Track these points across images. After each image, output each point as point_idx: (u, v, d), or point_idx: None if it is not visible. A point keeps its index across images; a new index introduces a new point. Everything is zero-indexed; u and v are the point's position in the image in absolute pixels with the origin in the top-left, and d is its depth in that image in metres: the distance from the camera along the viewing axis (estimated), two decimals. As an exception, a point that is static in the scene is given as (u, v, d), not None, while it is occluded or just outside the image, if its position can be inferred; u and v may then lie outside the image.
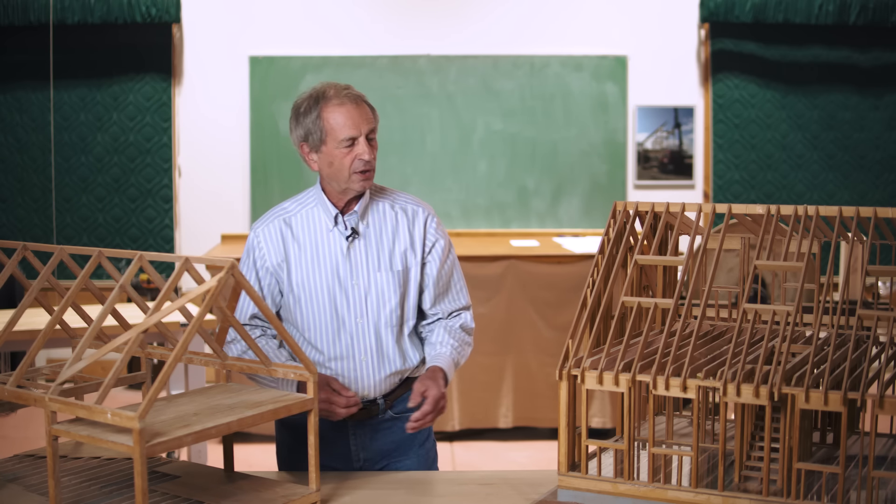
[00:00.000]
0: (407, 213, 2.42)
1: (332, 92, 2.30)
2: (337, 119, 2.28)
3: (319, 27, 6.61)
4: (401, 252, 2.38)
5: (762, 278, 4.76)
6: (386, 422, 2.44)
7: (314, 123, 2.30)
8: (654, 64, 6.69)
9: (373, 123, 2.32)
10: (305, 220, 2.38)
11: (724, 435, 1.81)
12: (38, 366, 2.14)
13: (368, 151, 2.29)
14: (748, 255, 2.30)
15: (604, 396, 5.12)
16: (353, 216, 2.37)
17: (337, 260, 2.35)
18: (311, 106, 2.31)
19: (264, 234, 2.39)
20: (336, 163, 2.30)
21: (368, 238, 2.37)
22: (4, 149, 6.57)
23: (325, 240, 2.36)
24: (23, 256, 2.05)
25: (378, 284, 2.35)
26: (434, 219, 2.45)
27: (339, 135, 2.27)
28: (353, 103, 2.29)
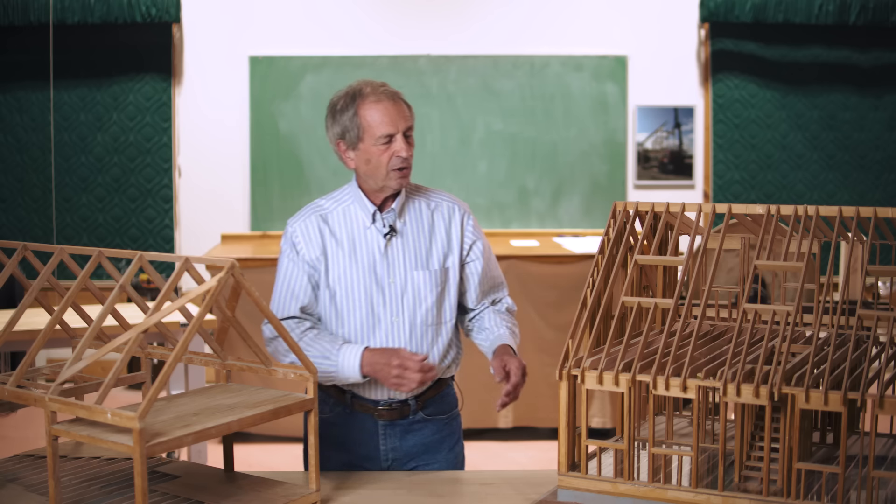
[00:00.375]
0: (443, 212, 2.41)
1: (369, 89, 2.29)
2: (374, 116, 2.27)
3: (319, 27, 6.61)
4: (438, 251, 2.38)
5: (762, 278, 4.76)
6: (417, 423, 2.42)
7: (351, 121, 2.29)
8: (654, 64, 6.69)
9: (410, 121, 2.31)
10: (343, 217, 2.37)
11: (724, 435, 1.81)
12: (38, 366, 2.14)
13: (406, 149, 2.29)
14: (748, 255, 2.30)
15: (604, 396, 5.11)
16: (390, 214, 2.36)
17: (374, 257, 2.34)
18: (348, 103, 2.30)
19: (302, 228, 2.38)
20: (373, 160, 2.29)
21: (405, 236, 2.36)
22: (4, 149, 6.57)
23: (363, 237, 2.35)
24: (23, 256, 2.05)
25: (415, 283, 2.34)
26: (470, 217, 2.45)
27: (377, 132, 2.27)
28: (390, 100, 2.28)
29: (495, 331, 2.42)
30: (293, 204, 6.62)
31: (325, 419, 2.42)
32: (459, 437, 2.54)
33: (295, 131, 6.61)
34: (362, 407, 2.40)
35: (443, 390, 2.47)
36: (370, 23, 6.63)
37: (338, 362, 2.26)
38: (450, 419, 2.48)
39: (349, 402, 2.40)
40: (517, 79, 6.63)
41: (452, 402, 2.51)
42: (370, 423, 2.40)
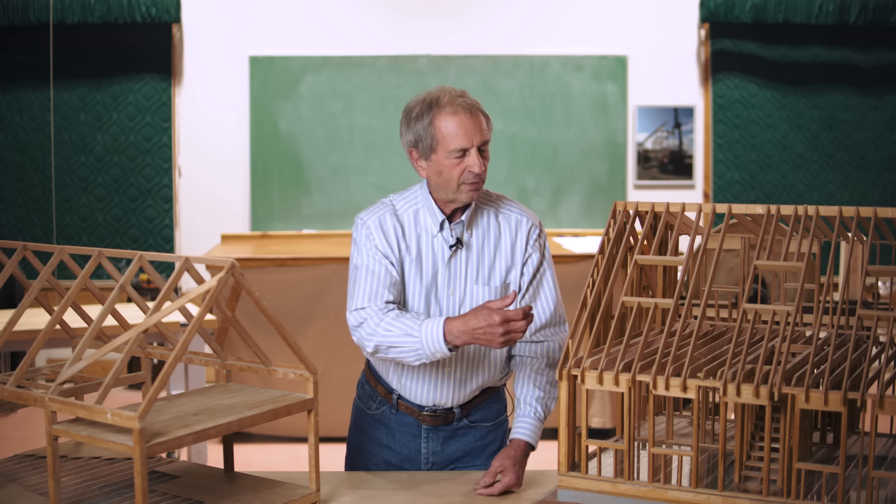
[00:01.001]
0: (510, 224, 2.33)
1: (447, 99, 2.21)
2: (449, 128, 2.19)
3: (319, 27, 6.61)
4: (501, 266, 2.30)
5: (762, 278, 4.76)
6: (460, 429, 2.38)
7: (426, 130, 2.21)
8: (654, 64, 6.69)
9: (486, 135, 2.24)
10: (413, 220, 2.30)
11: (725, 435, 1.81)
12: (39, 366, 2.14)
13: (479, 164, 2.21)
14: (748, 255, 2.30)
15: (603, 396, 5.11)
16: (459, 225, 2.29)
17: (438, 267, 2.27)
18: (424, 111, 2.22)
19: (376, 225, 2.27)
20: (445, 173, 2.22)
21: (470, 249, 2.29)
22: (4, 149, 6.57)
23: (429, 244, 2.28)
24: (22, 256, 2.05)
25: (473, 297, 2.28)
26: (536, 230, 2.35)
27: (451, 145, 2.19)
28: (466, 112, 2.20)
29: (521, 408, 2.26)
30: (293, 204, 6.62)
31: (371, 416, 2.41)
32: (503, 442, 2.45)
33: (295, 131, 6.61)
34: (407, 409, 2.36)
35: (490, 397, 2.41)
36: (370, 23, 6.63)
37: (420, 337, 2.11)
38: (495, 426, 2.43)
39: (395, 403, 2.37)
40: (517, 79, 6.63)
41: (500, 409, 2.45)
42: (414, 425, 2.37)
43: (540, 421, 2.26)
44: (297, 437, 5.08)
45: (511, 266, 2.31)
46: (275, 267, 5.03)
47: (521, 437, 2.21)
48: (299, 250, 5.52)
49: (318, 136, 6.61)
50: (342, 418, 2.82)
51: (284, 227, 6.65)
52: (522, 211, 2.38)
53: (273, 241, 6.21)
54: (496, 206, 2.37)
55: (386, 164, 6.54)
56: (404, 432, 2.38)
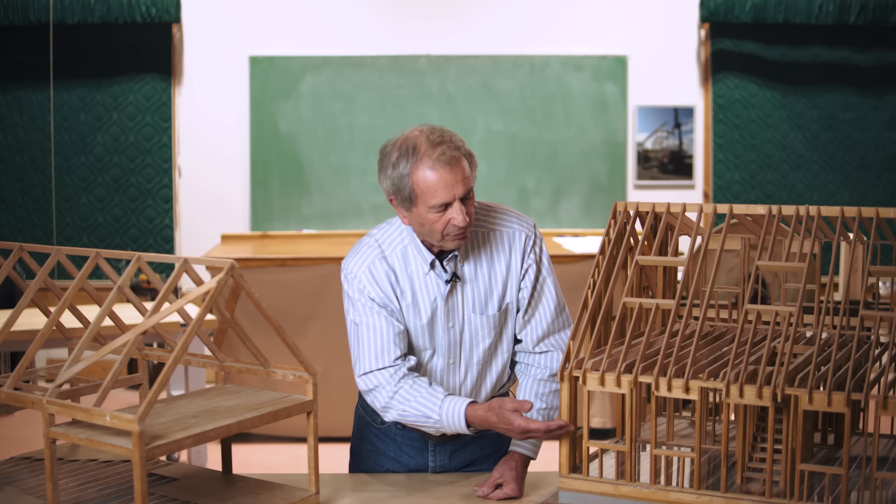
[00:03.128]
0: (504, 242, 2.24)
1: (424, 149, 2.07)
2: (428, 184, 2.06)
3: (319, 27, 6.60)
4: (499, 290, 2.23)
5: (762, 278, 4.75)
6: (468, 443, 2.36)
7: (403, 181, 2.09)
8: (654, 64, 6.68)
9: (469, 182, 2.11)
10: (401, 261, 2.21)
11: (727, 436, 1.81)
12: (38, 366, 2.13)
13: (462, 217, 2.08)
14: (748, 255, 2.29)
15: (603, 396, 5.10)
16: (452, 261, 2.20)
17: (437, 304, 2.21)
18: (400, 160, 2.09)
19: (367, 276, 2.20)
20: (427, 226, 2.12)
21: (466, 279, 2.22)
22: (4, 149, 6.56)
23: (423, 284, 2.20)
24: (19, 257, 2.04)
25: (472, 326, 2.23)
26: (531, 240, 2.27)
27: (431, 200, 2.07)
28: (446, 167, 2.06)
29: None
30: (293, 204, 6.61)
31: (377, 430, 2.37)
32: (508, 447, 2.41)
33: (295, 131, 6.60)
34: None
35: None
36: (370, 23, 6.62)
37: (441, 419, 2.11)
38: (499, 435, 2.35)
39: None
40: (517, 79, 6.63)
41: None
42: (420, 439, 2.34)
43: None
44: (297, 437, 5.07)
45: (508, 285, 2.24)
46: (275, 267, 5.02)
47: (522, 450, 2.20)
48: (299, 250, 5.52)
49: (318, 136, 6.61)
50: (342, 418, 2.81)
51: (284, 227, 6.64)
52: (512, 221, 2.28)
53: (273, 241, 6.20)
54: (486, 225, 2.26)
55: (386, 165, 6.53)
56: (411, 446, 2.35)
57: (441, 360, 2.25)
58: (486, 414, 2.06)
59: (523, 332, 2.29)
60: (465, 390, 2.29)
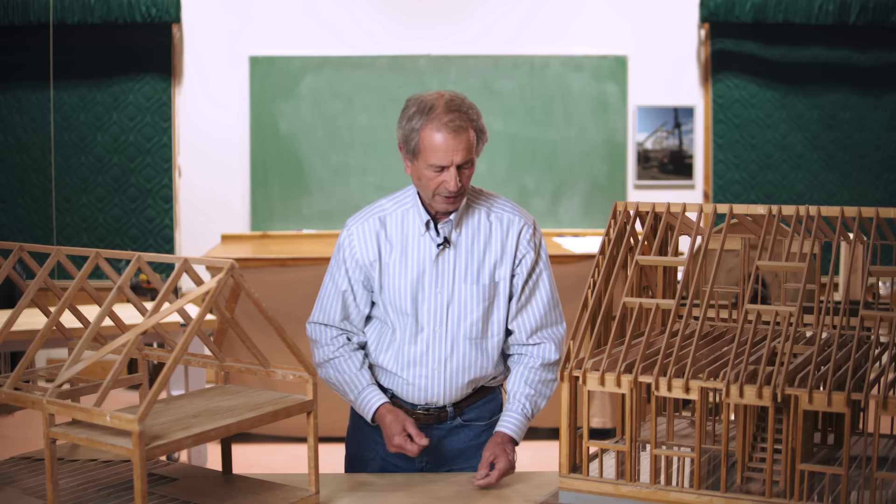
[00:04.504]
0: (502, 223, 2.34)
1: (439, 111, 2.19)
2: (432, 143, 2.19)
3: (319, 27, 6.60)
4: (490, 265, 2.31)
5: (762, 278, 4.75)
6: (454, 428, 2.40)
7: (412, 134, 2.23)
8: (654, 64, 6.68)
9: (470, 153, 2.22)
10: (400, 220, 2.33)
11: (727, 436, 1.81)
12: (38, 366, 2.13)
13: (454, 182, 2.20)
14: (748, 255, 2.29)
15: (603, 396, 5.10)
16: (447, 224, 2.31)
17: (424, 266, 2.30)
18: (416, 115, 2.23)
19: (359, 231, 2.35)
20: (423, 181, 2.25)
21: (459, 247, 2.30)
22: (4, 149, 6.56)
23: (416, 244, 2.31)
24: (19, 257, 2.04)
25: (461, 295, 2.29)
26: (529, 229, 2.36)
27: (430, 159, 2.20)
28: (451, 133, 2.18)
29: (510, 404, 2.33)
30: (293, 204, 6.61)
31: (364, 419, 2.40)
32: None
33: (295, 131, 6.60)
34: (401, 408, 2.36)
35: (485, 397, 2.42)
36: (370, 23, 6.62)
37: (356, 402, 2.34)
38: (489, 426, 2.43)
39: None
40: (517, 79, 6.63)
41: (495, 409, 2.45)
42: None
43: (527, 418, 2.33)
44: (297, 437, 5.07)
45: (500, 263, 2.32)
46: (275, 267, 5.02)
47: (506, 430, 2.29)
48: (299, 250, 5.52)
49: (318, 136, 6.61)
50: (342, 418, 2.81)
51: (284, 227, 6.64)
52: (515, 210, 2.38)
53: (273, 241, 6.20)
54: (489, 206, 2.37)
55: (386, 164, 6.54)
56: None
57: (427, 329, 2.31)
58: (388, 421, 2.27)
59: (516, 322, 2.35)
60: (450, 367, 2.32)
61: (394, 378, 2.36)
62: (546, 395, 2.37)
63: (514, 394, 2.33)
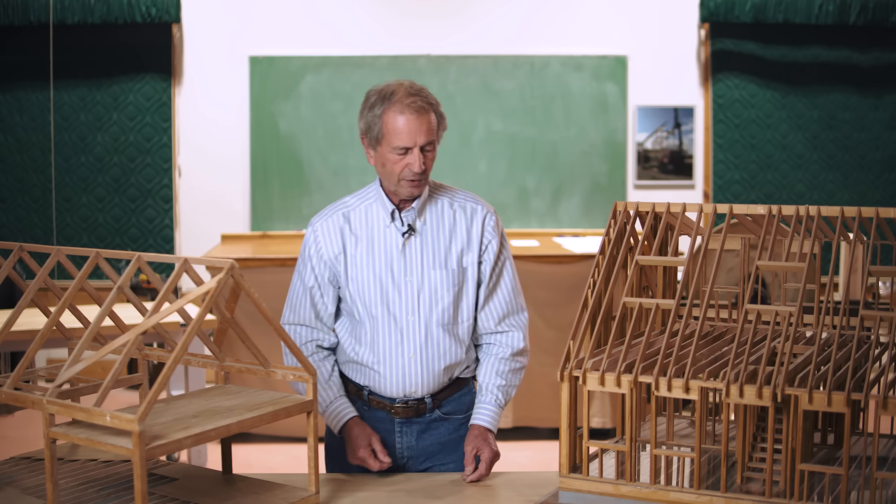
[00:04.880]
0: (465, 212, 2.40)
1: (400, 95, 2.27)
2: (395, 125, 2.26)
3: (319, 27, 6.60)
4: (457, 251, 2.36)
5: (762, 278, 4.75)
6: (433, 421, 2.42)
7: (375, 121, 2.30)
8: (654, 64, 6.68)
9: (432, 135, 2.29)
10: (364, 214, 2.38)
11: (727, 436, 1.81)
12: (38, 366, 2.13)
13: (419, 163, 2.26)
14: (748, 255, 2.29)
15: (603, 396, 5.11)
16: (410, 212, 2.36)
17: (392, 255, 2.34)
18: (377, 103, 2.30)
19: (322, 227, 2.40)
20: (388, 166, 2.30)
21: (425, 235, 2.36)
22: (4, 149, 6.56)
23: (382, 235, 2.36)
24: (19, 257, 2.04)
25: (431, 282, 2.34)
26: (492, 217, 2.42)
27: (394, 141, 2.26)
28: (414, 113, 2.25)
29: (483, 396, 2.39)
30: (293, 204, 6.61)
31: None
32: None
33: (295, 131, 6.60)
34: (379, 404, 2.40)
35: (461, 389, 2.45)
36: (370, 23, 6.62)
37: (326, 410, 2.36)
38: (466, 419, 2.45)
39: (366, 399, 2.41)
40: (517, 79, 6.62)
41: (471, 402, 2.48)
42: (387, 420, 2.40)
43: (500, 408, 2.39)
44: (297, 437, 5.07)
45: (467, 250, 2.37)
46: (275, 267, 5.02)
47: (482, 422, 2.35)
48: (299, 250, 5.51)
49: (318, 136, 6.61)
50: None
51: (284, 227, 6.64)
52: (478, 200, 2.44)
53: (273, 241, 6.20)
54: (451, 196, 2.43)
55: (386, 165, 6.53)
56: (378, 428, 2.39)
57: (400, 317, 2.33)
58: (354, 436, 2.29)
59: (485, 310, 2.40)
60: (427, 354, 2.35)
61: (370, 373, 2.37)
62: (516, 385, 2.44)
63: (486, 385, 2.39)
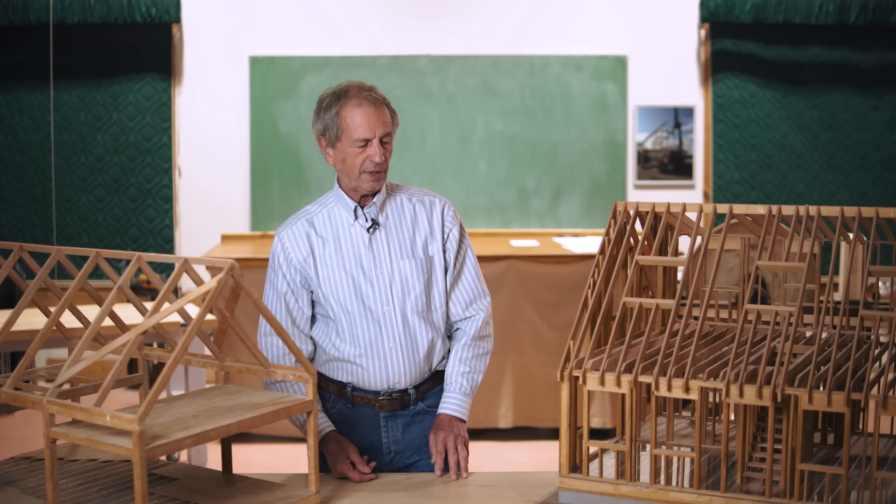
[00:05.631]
0: (424, 204, 2.47)
1: (354, 91, 2.35)
2: (353, 119, 2.32)
3: (319, 27, 6.60)
4: (421, 240, 2.43)
5: (762, 278, 4.75)
6: (417, 414, 2.45)
7: (332, 120, 2.35)
8: (654, 64, 6.68)
9: (389, 127, 2.36)
10: (327, 217, 2.43)
11: (727, 436, 1.81)
12: (38, 366, 2.13)
13: (380, 154, 2.33)
14: (748, 255, 2.29)
15: (603, 396, 5.11)
16: (372, 208, 2.41)
17: (360, 251, 2.39)
18: (332, 102, 2.36)
19: (288, 235, 2.43)
20: (348, 161, 2.35)
21: (389, 228, 2.42)
22: (4, 149, 6.56)
23: (348, 233, 2.41)
24: (19, 257, 2.04)
25: (402, 271, 2.39)
26: (450, 209, 2.50)
27: (354, 134, 2.32)
28: (370, 105, 2.33)
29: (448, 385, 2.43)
30: (293, 204, 6.61)
31: (330, 413, 2.44)
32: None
33: (295, 131, 6.60)
34: (363, 399, 2.42)
35: (441, 383, 2.48)
36: (370, 23, 6.62)
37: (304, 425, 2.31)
38: None
39: (350, 396, 2.42)
40: (517, 79, 6.62)
41: None
42: (372, 415, 2.42)
43: (466, 395, 2.43)
44: (297, 437, 5.07)
45: (431, 239, 2.44)
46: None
47: (447, 411, 2.39)
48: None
49: (318, 136, 6.60)
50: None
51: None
52: (433, 194, 2.52)
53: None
54: (408, 193, 2.49)
55: (386, 165, 6.54)
56: (363, 424, 2.42)
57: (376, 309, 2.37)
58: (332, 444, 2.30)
59: (452, 297, 2.46)
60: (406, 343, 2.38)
61: (353, 367, 2.39)
62: (481, 370, 2.48)
63: (451, 374, 2.44)
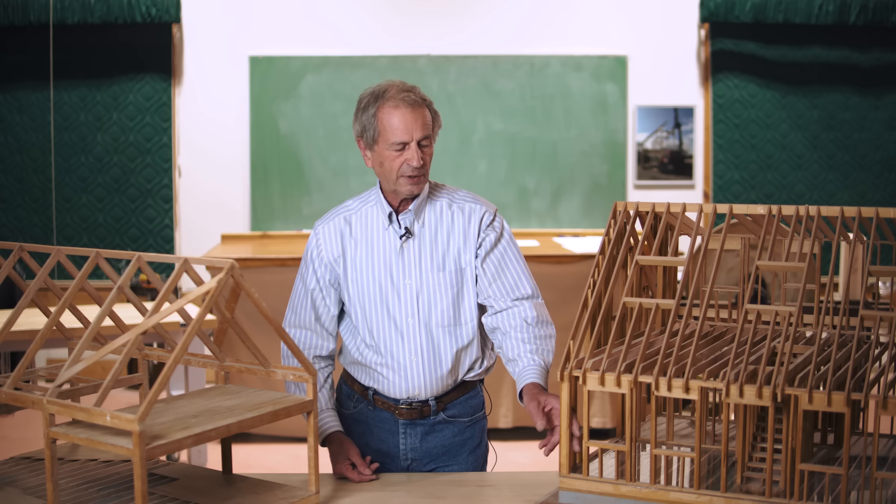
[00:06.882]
0: (464, 212, 2.37)
1: (392, 92, 2.27)
2: (391, 121, 2.25)
3: (319, 27, 6.60)
4: (455, 252, 2.34)
5: (762, 278, 4.75)
6: (437, 424, 2.40)
7: (370, 121, 2.28)
8: (654, 64, 6.68)
9: (428, 130, 2.28)
10: (364, 217, 2.39)
11: (727, 436, 1.81)
12: (38, 366, 2.13)
13: (417, 158, 2.25)
14: (748, 255, 2.29)
15: (603, 396, 5.10)
16: (407, 215, 2.35)
17: (390, 258, 2.34)
18: (370, 103, 2.29)
19: (324, 231, 2.40)
20: (386, 164, 2.29)
21: (423, 237, 2.34)
22: (4, 149, 6.56)
23: (381, 238, 2.35)
24: (19, 257, 2.04)
25: (430, 284, 2.33)
26: (490, 216, 2.39)
27: (391, 137, 2.25)
28: (409, 107, 2.25)
29: (519, 364, 2.27)
30: (293, 204, 6.62)
31: (348, 415, 2.42)
32: (482, 440, 2.50)
33: (295, 131, 6.60)
34: (384, 404, 2.39)
35: (467, 393, 2.43)
36: (370, 23, 6.62)
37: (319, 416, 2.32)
38: (472, 422, 2.44)
39: (371, 399, 2.40)
40: (517, 79, 6.63)
41: (477, 406, 2.46)
42: (391, 421, 2.39)
43: (542, 368, 2.24)
44: (297, 437, 5.07)
45: (463, 250, 2.35)
46: (275, 267, 5.02)
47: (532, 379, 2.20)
48: (299, 250, 5.51)
49: (318, 136, 6.61)
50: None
51: (284, 227, 6.64)
52: (477, 200, 2.42)
53: (273, 241, 6.20)
54: (450, 196, 2.40)
55: (386, 165, 6.53)
56: (382, 428, 2.40)
57: (400, 319, 2.32)
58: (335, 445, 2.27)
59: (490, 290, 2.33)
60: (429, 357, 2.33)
61: (374, 374, 2.36)
62: (549, 350, 2.30)
63: (518, 355, 2.27)
